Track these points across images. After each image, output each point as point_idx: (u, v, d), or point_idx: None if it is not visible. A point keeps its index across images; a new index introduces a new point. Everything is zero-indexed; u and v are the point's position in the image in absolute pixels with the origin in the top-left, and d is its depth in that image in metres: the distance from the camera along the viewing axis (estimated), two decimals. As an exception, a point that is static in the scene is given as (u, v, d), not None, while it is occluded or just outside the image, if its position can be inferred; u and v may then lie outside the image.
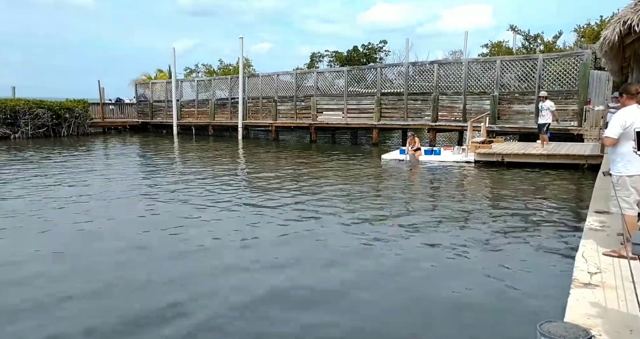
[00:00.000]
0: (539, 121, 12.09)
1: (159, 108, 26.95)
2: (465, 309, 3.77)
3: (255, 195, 8.51)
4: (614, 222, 4.64)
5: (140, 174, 11.57)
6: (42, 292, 4.10)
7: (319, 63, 33.12)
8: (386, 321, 3.61)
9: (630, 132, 3.65)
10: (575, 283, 3.34)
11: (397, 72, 18.84)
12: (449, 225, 6.29)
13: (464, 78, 16.37)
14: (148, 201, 8.01)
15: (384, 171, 11.62)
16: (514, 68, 15.61)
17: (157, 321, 3.57)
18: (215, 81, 24.94)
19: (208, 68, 35.51)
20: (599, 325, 2.67)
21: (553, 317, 2.95)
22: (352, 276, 4.49)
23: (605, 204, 4.87)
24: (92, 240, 5.70)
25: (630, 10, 5.92)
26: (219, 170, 12.09)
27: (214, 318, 3.62)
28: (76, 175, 10.99)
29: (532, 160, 11.21)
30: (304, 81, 21.07)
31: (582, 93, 14.19)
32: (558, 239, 5.58)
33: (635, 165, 3.68)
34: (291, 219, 6.64)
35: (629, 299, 2.93)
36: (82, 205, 7.61)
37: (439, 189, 9.31)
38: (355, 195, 8.38)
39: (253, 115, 22.45)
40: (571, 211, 7.08)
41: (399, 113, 18.07)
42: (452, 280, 4.40)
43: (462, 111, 16.44)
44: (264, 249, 5.36)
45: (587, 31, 22.57)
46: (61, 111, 22.98)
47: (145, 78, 31.35)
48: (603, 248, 4.02)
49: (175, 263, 4.92)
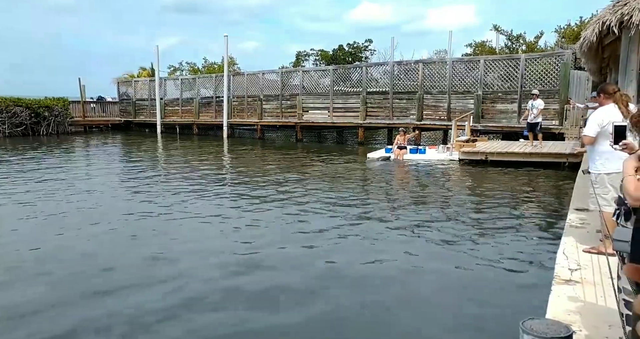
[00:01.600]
0: (533, 120, 12.10)
1: (142, 107, 26.57)
2: (447, 308, 3.80)
3: (240, 198, 8.44)
4: (593, 219, 4.73)
5: (121, 177, 11.37)
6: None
7: (304, 62, 33.09)
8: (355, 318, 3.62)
9: (607, 130, 3.72)
10: (557, 279, 3.40)
11: (382, 71, 18.92)
12: (433, 223, 6.33)
13: (449, 77, 16.53)
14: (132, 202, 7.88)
15: (369, 170, 11.66)
16: (497, 67, 15.82)
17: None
18: (199, 79, 24.69)
19: (192, 66, 35.14)
20: (579, 321, 2.72)
21: (535, 314, 2.99)
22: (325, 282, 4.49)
23: (585, 202, 4.96)
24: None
25: (609, 11, 6.04)
26: (204, 170, 11.97)
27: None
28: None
29: (514, 158, 11.38)
30: (290, 80, 21.00)
31: (562, 92, 14.45)
32: (540, 236, 5.67)
33: (613, 163, 3.75)
34: (272, 220, 6.61)
35: (608, 295, 2.99)
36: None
37: (423, 188, 9.38)
38: (340, 194, 8.38)
39: (238, 114, 22.29)
40: (552, 209, 7.20)
41: (384, 112, 18.15)
42: (430, 276, 4.43)
43: (446, 110, 16.60)
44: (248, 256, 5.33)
45: (568, 32, 23.00)
46: (40, 109, 22.47)
47: (127, 76, 30.86)
48: (583, 245, 4.09)
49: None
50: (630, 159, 2.16)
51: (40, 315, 3.65)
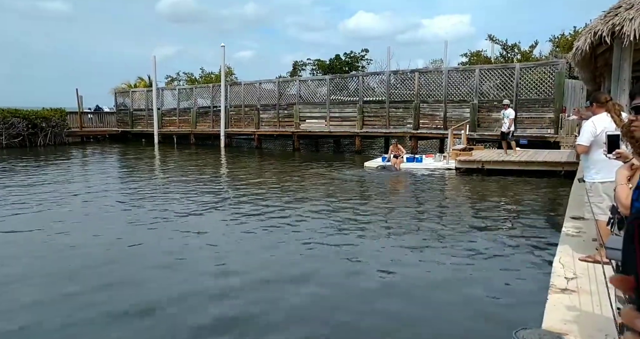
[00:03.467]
0: (504, 129, 12.52)
1: (139, 117, 26.59)
2: (444, 316, 3.78)
3: (239, 207, 8.42)
4: (589, 228, 4.74)
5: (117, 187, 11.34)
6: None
7: (301, 72, 33.28)
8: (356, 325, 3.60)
9: (600, 139, 3.75)
10: (553, 288, 3.39)
11: (378, 80, 19.05)
12: (430, 231, 6.33)
13: (445, 86, 16.64)
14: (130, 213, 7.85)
15: (367, 179, 11.67)
16: (493, 77, 15.95)
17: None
18: (197, 89, 24.78)
19: (189, 76, 35.30)
20: (575, 330, 2.71)
21: (531, 323, 2.98)
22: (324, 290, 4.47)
23: (580, 210, 4.97)
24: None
25: (601, 21, 6.12)
26: (202, 181, 11.96)
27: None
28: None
29: (511, 167, 11.42)
30: (287, 89, 21.10)
31: (557, 101, 14.57)
32: (536, 244, 5.66)
33: (606, 172, 3.76)
34: (272, 227, 6.59)
35: (604, 304, 2.99)
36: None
37: (420, 196, 9.38)
38: (339, 204, 8.37)
39: (235, 124, 22.33)
40: (548, 217, 7.21)
41: (381, 121, 18.22)
42: (430, 285, 4.42)
43: (442, 119, 16.68)
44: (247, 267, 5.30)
45: (562, 41, 23.28)
46: (37, 120, 22.46)
47: (125, 86, 30.95)
48: (579, 254, 4.09)
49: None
50: (622, 168, 2.18)
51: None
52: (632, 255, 0.50)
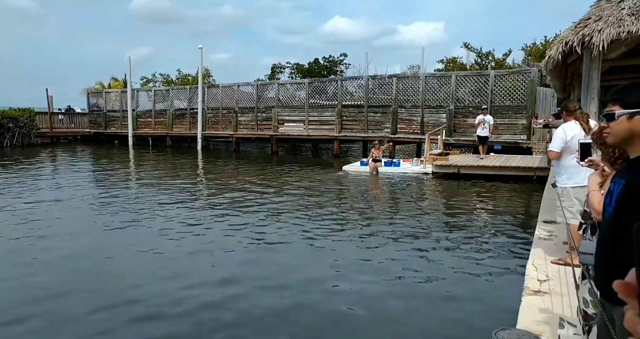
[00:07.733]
0: (482, 133, 12.92)
1: (113, 118, 25.98)
2: (418, 320, 3.81)
3: (216, 212, 8.31)
4: (560, 231, 4.88)
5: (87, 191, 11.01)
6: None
7: (280, 75, 33.22)
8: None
9: (571, 145, 3.88)
10: (527, 290, 3.48)
11: (357, 84, 19.23)
12: (403, 236, 6.39)
13: (422, 92, 16.92)
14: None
15: (345, 183, 11.71)
16: (468, 83, 16.32)
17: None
18: (173, 91, 24.42)
19: (166, 78, 34.74)
20: (547, 331, 2.78)
21: (506, 324, 3.04)
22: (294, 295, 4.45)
23: (552, 214, 5.12)
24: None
25: (571, 32, 6.34)
26: (179, 185, 11.75)
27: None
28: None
29: (485, 171, 11.68)
30: (265, 92, 21.04)
31: (530, 108, 15.02)
32: (509, 248, 5.79)
33: (577, 177, 3.90)
34: (252, 236, 6.53)
35: (574, 305, 3.07)
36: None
37: (397, 200, 9.48)
38: (315, 207, 8.37)
39: (213, 126, 22.09)
40: (521, 221, 7.40)
41: (359, 125, 18.36)
42: (403, 290, 4.45)
43: (420, 124, 16.95)
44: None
45: (533, 50, 24.02)
46: (4, 120, 21.69)
47: (98, 87, 30.19)
48: (551, 257, 4.21)
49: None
50: (594, 175, 2.26)
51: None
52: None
